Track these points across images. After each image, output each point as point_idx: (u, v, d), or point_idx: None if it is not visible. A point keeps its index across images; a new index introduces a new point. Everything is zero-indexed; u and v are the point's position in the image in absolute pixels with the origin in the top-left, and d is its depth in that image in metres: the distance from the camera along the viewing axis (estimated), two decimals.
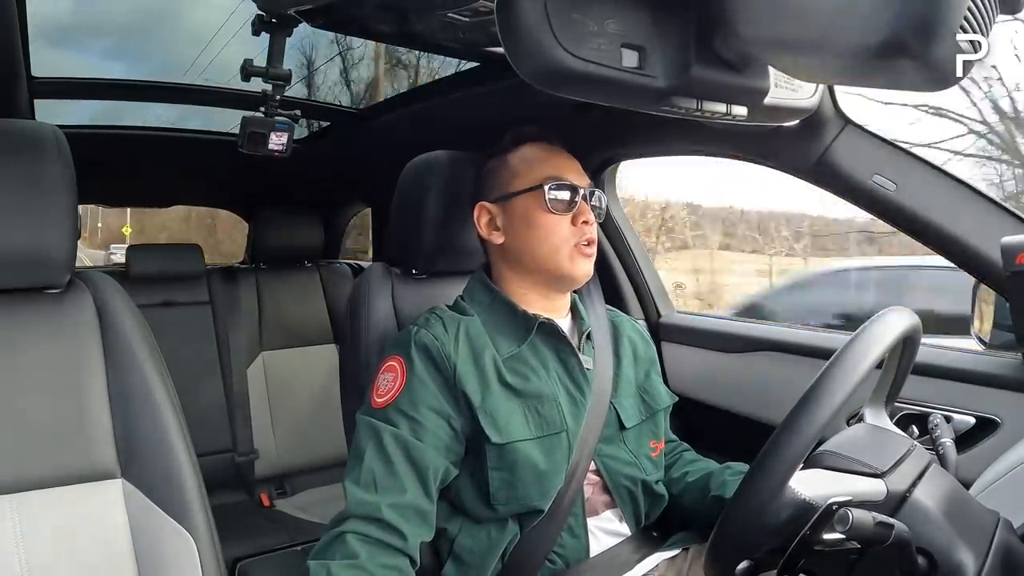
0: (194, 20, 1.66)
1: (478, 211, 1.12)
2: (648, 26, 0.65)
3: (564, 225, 1.06)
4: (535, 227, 1.06)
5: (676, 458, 1.23)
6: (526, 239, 1.07)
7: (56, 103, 1.82)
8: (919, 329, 0.86)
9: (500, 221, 1.10)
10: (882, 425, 0.88)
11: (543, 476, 1.00)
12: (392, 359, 1.04)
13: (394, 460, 0.96)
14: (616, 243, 1.69)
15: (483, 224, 1.12)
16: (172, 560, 0.92)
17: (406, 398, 1.00)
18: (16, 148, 0.93)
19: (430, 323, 1.06)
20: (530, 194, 1.07)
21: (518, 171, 1.09)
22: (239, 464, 2.34)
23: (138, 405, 0.96)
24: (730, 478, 1.12)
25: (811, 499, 0.68)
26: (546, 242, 1.06)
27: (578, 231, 1.06)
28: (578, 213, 1.06)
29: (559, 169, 1.08)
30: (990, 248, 1.06)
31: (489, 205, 1.12)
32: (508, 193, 1.09)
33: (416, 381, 1.01)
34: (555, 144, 1.12)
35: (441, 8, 1.11)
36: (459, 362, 1.02)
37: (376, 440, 0.98)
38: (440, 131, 1.83)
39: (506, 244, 1.10)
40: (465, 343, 1.04)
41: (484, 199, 1.12)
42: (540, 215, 1.06)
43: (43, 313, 0.97)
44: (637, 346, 1.21)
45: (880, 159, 1.13)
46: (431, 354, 1.02)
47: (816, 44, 0.57)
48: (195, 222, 13.67)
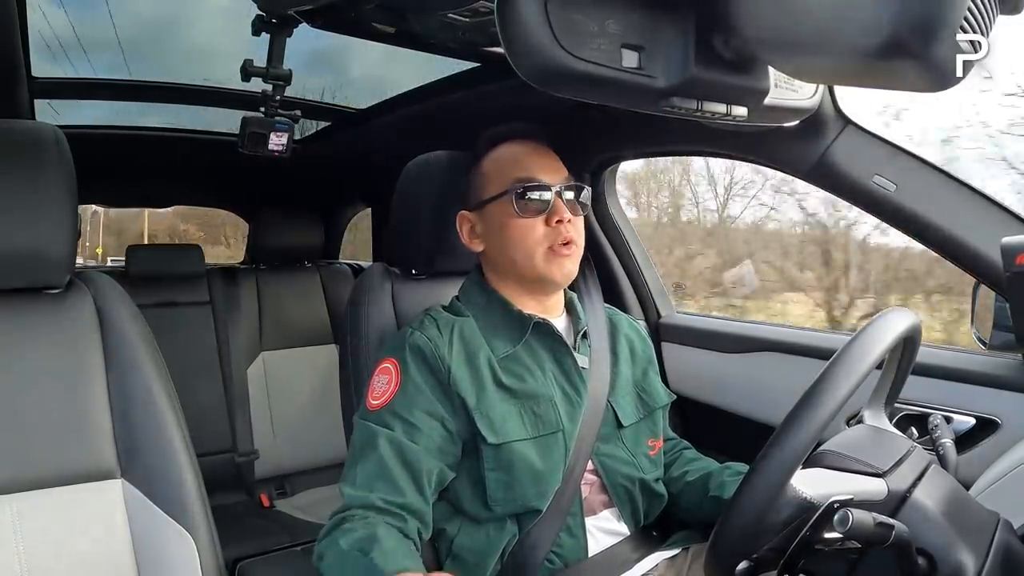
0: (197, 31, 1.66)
1: (460, 220, 1.13)
2: (648, 26, 0.65)
3: (537, 227, 1.04)
4: (508, 233, 1.05)
5: (676, 456, 1.23)
6: (501, 245, 1.07)
7: (56, 103, 1.82)
8: (919, 330, 0.86)
9: (479, 229, 1.10)
10: (881, 426, 0.88)
11: (540, 476, 1.00)
12: (387, 361, 1.04)
13: (389, 463, 0.96)
14: (616, 243, 1.69)
15: (465, 233, 1.12)
16: (172, 560, 0.92)
17: (400, 400, 1.00)
18: (16, 148, 0.94)
19: (424, 325, 1.06)
20: (501, 200, 1.06)
21: (489, 177, 1.09)
22: (239, 464, 2.34)
23: (138, 405, 0.96)
24: (729, 479, 1.12)
25: (812, 498, 0.68)
26: (520, 246, 1.05)
27: (553, 231, 1.04)
28: (551, 213, 1.04)
29: (530, 169, 1.06)
30: (990, 248, 1.06)
31: (468, 214, 1.12)
32: (481, 200, 1.09)
33: (410, 384, 1.01)
34: (532, 139, 1.10)
35: (441, 8, 1.11)
36: (453, 364, 1.01)
37: (371, 443, 0.98)
38: (440, 132, 1.83)
39: (486, 251, 1.10)
40: (459, 344, 1.04)
41: (464, 207, 1.13)
42: (511, 220, 1.05)
43: (43, 313, 0.97)
44: (635, 344, 1.20)
45: (880, 159, 1.13)
46: (425, 356, 1.02)
47: (816, 44, 0.57)
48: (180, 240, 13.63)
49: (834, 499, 0.66)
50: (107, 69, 1.76)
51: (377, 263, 1.30)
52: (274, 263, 2.58)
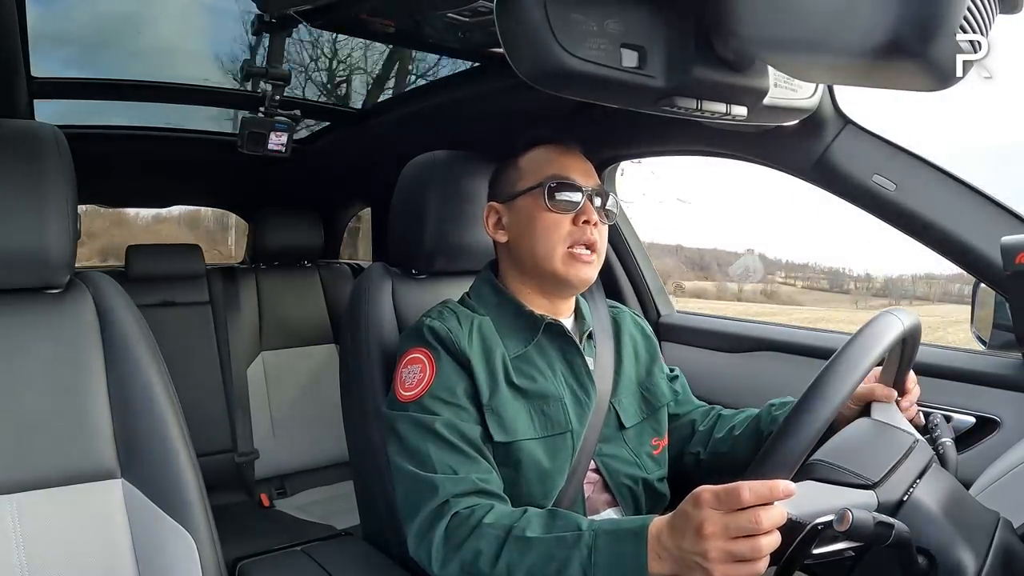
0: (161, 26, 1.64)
1: (487, 211, 1.14)
2: (648, 26, 0.65)
3: (564, 224, 1.05)
4: (535, 225, 1.06)
5: (715, 420, 1.21)
6: (526, 237, 1.08)
7: (56, 103, 1.82)
8: (919, 327, 0.86)
9: (505, 220, 1.11)
10: (887, 420, 0.88)
11: (546, 475, 1.01)
12: (415, 351, 1.04)
13: (457, 444, 0.96)
14: (616, 243, 1.69)
15: (490, 223, 1.13)
16: (172, 560, 0.92)
17: (440, 385, 1.00)
18: (16, 148, 0.93)
19: (444, 316, 1.06)
20: (533, 192, 1.07)
21: (525, 171, 1.10)
22: (239, 464, 2.34)
23: (138, 405, 0.96)
24: (778, 412, 1.11)
25: (797, 518, 0.67)
26: (544, 241, 1.06)
27: (578, 231, 1.05)
28: (580, 212, 1.06)
29: (565, 168, 1.08)
30: (990, 247, 1.06)
31: (497, 205, 1.13)
32: (514, 192, 1.10)
33: (447, 367, 1.01)
34: (569, 145, 1.12)
35: (441, 8, 1.11)
36: (473, 358, 1.02)
37: (428, 431, 0.97)
38: (440, 131, 1.83)
39: (510, 242, 1.11)
40: (478, 340, 1.04)
41: (493, 200, 1.14)
42: (541, 213, 1.06)
43: (43, 313, 0.97)
44: (638, 343, 1.21)
45: (880, 159, 1.13)
46: (448, 346, 1.02)
47: (816, 44, 0.57)
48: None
49: (819, 522, 0.65)
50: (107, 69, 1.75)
51: (377, 263, 1.30)
52: (274, 263, 2.58)
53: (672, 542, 0.73)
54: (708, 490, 0.70)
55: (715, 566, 0.69)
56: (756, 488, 0.68)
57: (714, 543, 0.69)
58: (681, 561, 0.72)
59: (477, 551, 0.86)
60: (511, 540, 0.84)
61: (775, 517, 0.67)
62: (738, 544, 0.68)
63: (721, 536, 0.68)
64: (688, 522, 0.71)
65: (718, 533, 0.69)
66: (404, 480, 0.97)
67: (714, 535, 0.69)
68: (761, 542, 0.67)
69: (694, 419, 1.22)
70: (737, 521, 0.68)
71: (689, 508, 0.72)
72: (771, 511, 0.67)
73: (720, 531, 0.68)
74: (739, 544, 0.68)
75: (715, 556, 0.69)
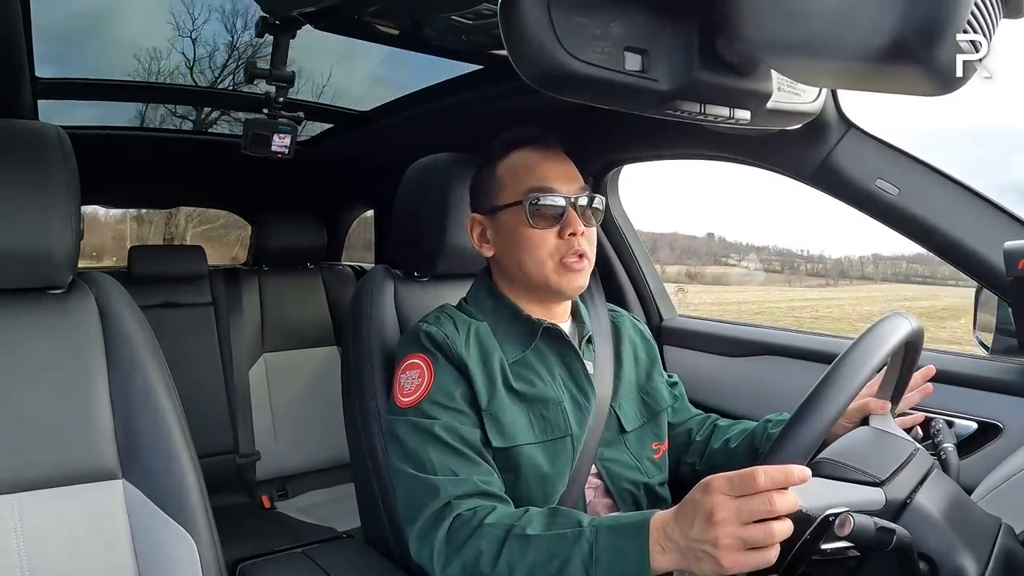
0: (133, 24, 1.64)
1: (470, 223, 1.12)
2: (651, 29, 0.65)
3: (549, 239, 1.03)
4: (520, 242, 1.04)
5: (711, 429, 1.21)
6: (512, 253, 1.06)
7: (59, 103, 1.82)
8: (921, 333, 0.86)
9: (489, 234, 1.10)
10: (886, 428, 0.88)
11: (546, 479, 1.01)
12: (413, 357, 1.04)
13: (457, 447, 0.96)
14: (618, 246, 1.69)
15: (475, 236, 1.12)
16: (173, 561, 0.92)
17: (438, 390, 0.99)
18: (20, 148, 0.94)
19: (441, 321, 1.06)
20: (514, 208, 1.05)
21: (503, 182, 1.07)
22: (240, 465, 2.34)
23: (140, 406, 0.96)
24: (773, 430, 1.11)
25: (808, 510, 0.67)
26: (532, 257, 1.04)
27: (565, 244, 1.03)
28: (565, 225, 1.03)
29: (545, 178, 1.04)
30: (993, 252, 1.05)
31: (479, 217, 1.11)
32: (494, 207, 1.08)
33: (445, 372, 1.01)
34: (548, 145, 1.09)
35: (445, 11, 1.11)
36: (470, 362, 1.01)
37: (428, 435, 0.97)
38: (443, 134, 1.83)
39: (496, 256, 1.10)
40: (476, 345, 1.04)
41: (475, 210, 1.12)
42: (524, 230, 1.04)
43: (46, 313, 0.97)
44: (638, 347, 1.20)
45: (883, 163, 1.13)
46: (445, 351, 1.02)
47: (819, 48, 0.57)
48: None
49: (829, 512, 0.65)
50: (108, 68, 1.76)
51: (379, 265, 1.30)
52: (277, 264, 2.58)
53: (678, 532, 0.72)
54: (720, 476, 0.69)
55: (725, 554, 0.67)
56: (771, 472, 0.66)
57: (725, 529, 0.67)
58: (688, 552, 0.71)
59: (478, 552, 0.85)
60: (511, 539, 0.84)
61: (789, 502, 0.66)
62: (750, 530, 0.66)
63: (733, 521, 0.67)
64: (697, 509, 0.70)
65: (730, 518, 0.67)
66: (405, 483, 0.97)
67: (726, 520, 0.67)
68: (774, 527, 0.65)
69: (690, 428, 1.22)
70: (750, 505, 0.66)
71: (698, 495, 0.70)
72: (785, 495, 0.66)
73: (732, 516, 0.67)
74: (751, 530, 0.66)
75: (726, 543, 0.67)
